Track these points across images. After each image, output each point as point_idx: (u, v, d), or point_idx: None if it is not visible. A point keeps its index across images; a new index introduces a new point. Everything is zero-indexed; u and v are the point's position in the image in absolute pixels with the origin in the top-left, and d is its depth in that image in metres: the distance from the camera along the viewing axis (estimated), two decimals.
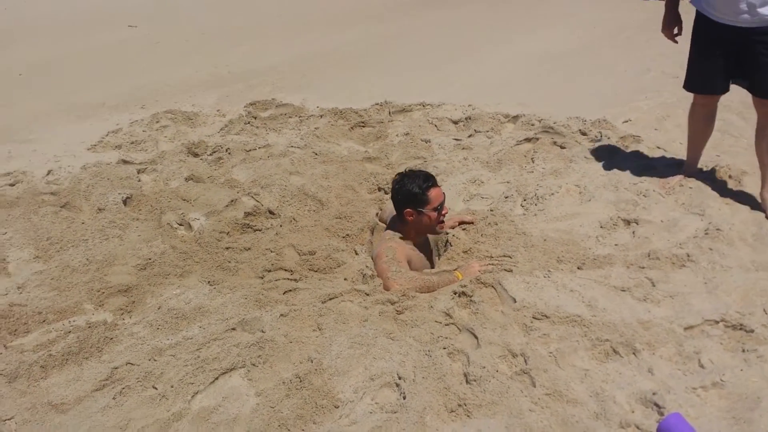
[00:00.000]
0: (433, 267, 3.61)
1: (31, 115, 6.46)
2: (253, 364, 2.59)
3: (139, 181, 4.54)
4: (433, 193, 3.45)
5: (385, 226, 3.89)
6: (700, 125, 4.02)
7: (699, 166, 4.16)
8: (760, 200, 3.69)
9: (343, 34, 10.13)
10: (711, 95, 3.86)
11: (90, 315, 3.04)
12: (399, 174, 3.55)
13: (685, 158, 4.21)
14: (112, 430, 2.33)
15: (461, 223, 3.83)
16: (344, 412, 2.32)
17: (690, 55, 3.84)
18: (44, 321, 2.97)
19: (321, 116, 6.01)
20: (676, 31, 3.89)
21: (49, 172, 4.70)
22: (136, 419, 2.36)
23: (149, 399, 2.46)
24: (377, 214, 4.13)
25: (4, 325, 2.91)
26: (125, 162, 4.90)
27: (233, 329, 2.85)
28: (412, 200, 3.43)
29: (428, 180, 3.46)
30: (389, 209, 3.96)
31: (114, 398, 2.47)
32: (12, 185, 4.46)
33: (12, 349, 2.75)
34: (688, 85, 3.94)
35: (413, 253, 3.48)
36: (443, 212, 3.53)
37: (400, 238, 3.49)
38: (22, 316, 2.97)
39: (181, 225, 3.93)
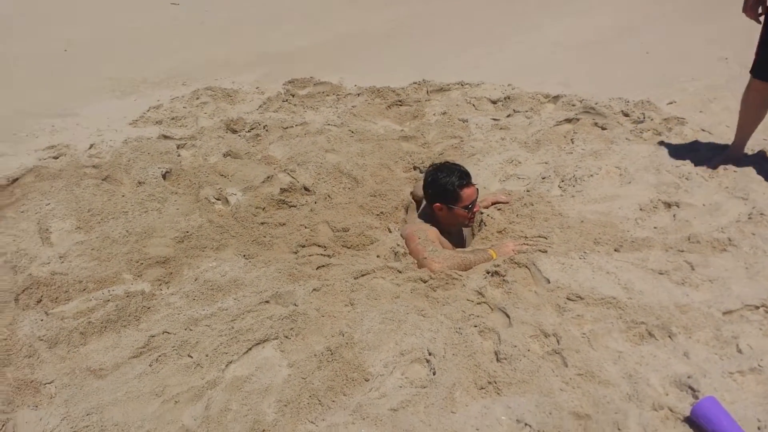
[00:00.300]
0: (467, 245, 3.59)
1: (75, 91, 6.59)
2: (286, 336, 2.63)
3: (179, 156, 4.61)
4: (466, 192, 3.40)
5: (415, 204, 3.89)
6: (754, 110, 3.90)
7: (745, 150, 4.04)
8: None
9: (383, 13, 10.07)
10: None
11: (129, 285, 3.11)
12: (433, 165, 3.52)
13: (730, 140, 4.09)
14: (148, 395, 2.38)
15: (495, 203, 3.79)
16: (374, 385, 2.34)
17: (761, 38, 3.71)
18: (84, 290, 3.06)
19: (358, 95, 6.00)
20: (760, 10, 3.63)
21: (91, 146, 4.80)
22: (172, 386, 2.42)
23: (184, 367, 2.51)
24: (411, 193, 4.12)
25: (46, 292, 2.99)
26: (165, 137, 4.97)
27: (267, 302, 2.88)
28: (444, 196, 3.39)
29: (463, 178, 3.39)
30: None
31: (150, 365, 2.53)
32: (56, 158, 4.57)
33: (53, 316, 2.84)
34: (757, 71, 3.79)
35: (442, 237, 3.46)
36: (474, 210, 3.48)
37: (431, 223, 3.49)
38: (63, 284, 3.05)
39: (218, 200, 3.98)
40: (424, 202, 3.64)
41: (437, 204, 3.42)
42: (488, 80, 6.18)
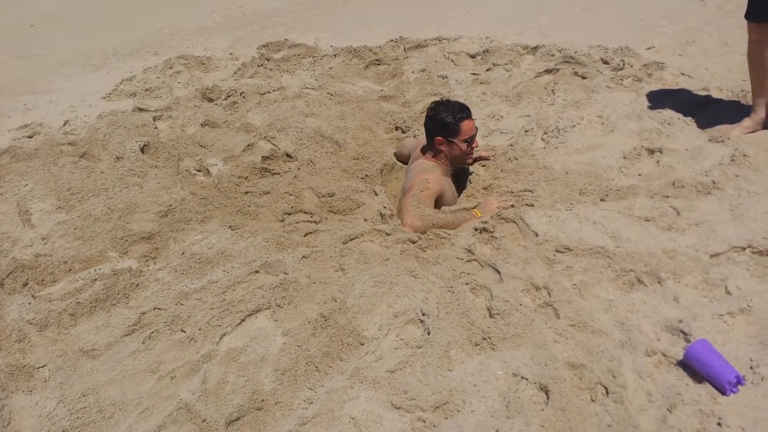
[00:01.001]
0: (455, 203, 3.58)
1: (45, 67, 6.43)
2: (278, 305, 2.62)
3: (156, 128, 4.52)
4: (465, 124, 3.45)
5: (401, 165, 3.87)
6: (763, 64, 3.46)
7: (725, 91, 4.00)
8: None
9: None
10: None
11: (115, 263, 3.07)
12: (434, 102, 3.56)
13: (709, 83, 4.06)
14: (143, 373, 2.38)
15: (478, 159, 3.77)
16: (370, 348, 2.35)
17: None
18: (70, 270, 3.02)
19: (335, 56, 5.90)
20: None
21: (65, 123, 4.70)
22: (167, 362, 2.41)
23: (178, 342, 2.50)
24: (395, 153, 4.09)
25: (31, 275, 2.95)
26: (140, 110, 4.88)
27: (257, 272, 2.86)
28: (444, 129, 3.43)
29: (463, 111, 3.46)
30: (408, 145, 3.93)
31: (143, 342, 2.52)
32: (30, 137, 4.47)
33: (40, 299, 2.80)
34: (751, 12, 3.44)
35: (447, 185, 3.46)
36: (474, 145, 3.52)
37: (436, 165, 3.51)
38: (48, 266, 3.01)
39: (199, 171, 3.93)
40: (423, 144, 3.62)
41: (438, 137, 3.45)
42: (466, 34, 6.10)
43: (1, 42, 7.35)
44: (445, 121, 3.43)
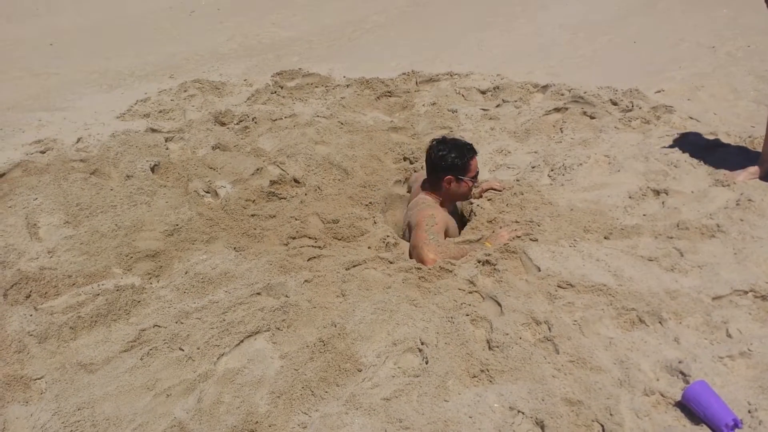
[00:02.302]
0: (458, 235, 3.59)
1: (62, 84, 6.54)
2: (278, 328, 2.62)
3: (167, 149, 4.58)
4: (473, 162, 3.50)
5: (410, 195, 3.88)
6: None
7: (732, 136, 4.02)
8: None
9: (371, 3, 10.03)
10: None
11: (118, 279, 3.09)
12: (438, 140, 3.56)
13: (717, 128, 4.09)
14: (139, 389, 2.38)
15: (489, 189, 3.80)
16: (367, 375, 2.34)
17: None
18: (74, 284, 3.03)
19: (347, 86, 5.97)
20: None
21: (78, 140, 4.76)
22: (163, 379, 2.41)
23: (176, 360, 2.50)
24: (405, 182, 4.13)
25: (35, 287, 2.97)
26: (153, 130, 4.94)
27: (258, 294, 2.87)
28: (454, 168, 3.45)
29: (470, 150, 3.52)
30: (420, 179, 3.95)
31: (141, 359, 2.52)
32: (43, 152, 4.52)
33: (42, 311, 2.81)
34: None
35: (450, 221, 3.48)
36: (476, 180, 3.58)
37: (436, 202, 3.53)
38: (52, 279, 3.03)
39: (207, 192, 3.96)
40: (423, 179, 3.64)
41: (448, 177, 3.47)
42: (477, 70, 6.18)
43: (20, 59, 7.49)
44: (455, 162, 3.44)
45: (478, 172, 3.56)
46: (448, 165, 3.45)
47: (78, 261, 3.20)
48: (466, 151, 3.49)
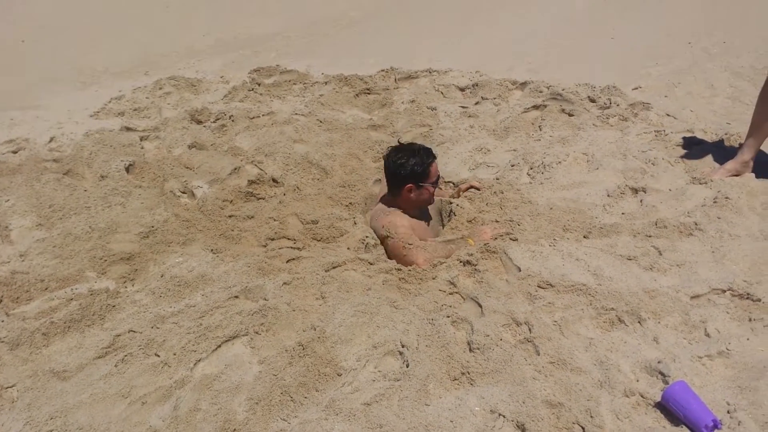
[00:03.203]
0: (437, 236, 3.58)
1: (34, 82, 6.40)
2: (256, 332, 2.59)
3: (142, 148, 4.50)
4: (433, 167, 3.46)
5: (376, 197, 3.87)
6: None
7: (709, 133, 4.04)
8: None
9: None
10: None
11: (92, 283, 3.02)
12: (394, 148, 3.50)
13: (694, 125, 4.11)
14: (114, 397, 2.32)
15: (469, 188, 3.79)
16: (347, 379, 2.31)
17: None
18: (46, 288, 2.97)
19: (326, 83, 5.93)
20: None
21: (51, 139, 4.66)
22: (138, 386, 2.36)
23: (151, 366, 2.45)
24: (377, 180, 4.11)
25: (7, 292, 2.90)
26: (128, 129, 4.86)
27: (236, 297, 2.83)
28: (414, 176, 3.41)
29: (429, 155, 3.46)
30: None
31: (116, 365, 2.46)
32: (14, 152, 4.43)
33: (14, 317, 2.75)
34: None
35: (414, 222, 3.45)
36: (438, 184, 3.56)
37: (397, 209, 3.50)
38: (24, 283, 2.96)
39: (183, 193, 3.90)
40: (382, 191, 3.62)
41: (408, 185, 3.42)
42: (456, 67, 6.16)
43: None
44: (415, 170, 3.40)
45: (439, 176, 3.52)
46: (408, 173, 3.41)
47: (51, 264, 3.13)
48: (425, 156, 3.43)
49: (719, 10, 3.51)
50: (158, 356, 2.49)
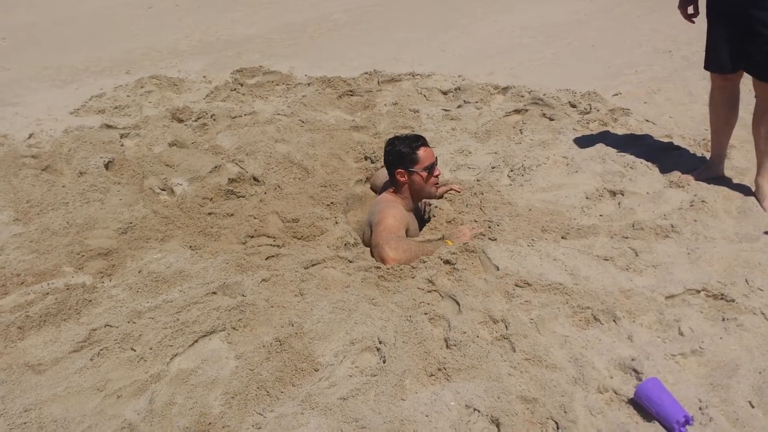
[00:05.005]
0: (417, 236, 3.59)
1: (14, 79, 6.35)
2: (234, 328, 2.57)
3: (122, 145, 4.47)
4: (422, 152, 3.46)
5: (374, 194, 3.87)
6: (721, 111, 3.60)
7: (687, 139, 4.11)
8: (754, 187, 3.47)
9: (333, 2, 9.99)
10: (725, 74, 3.45)
11: (69, 278, 3.00)
12: (390, 138, 3.58)
13: (672, 130, 4.17)
14: (89, 390, 2.30)
15: (449, 191, 3.80)
16: (324, 375, 2.31)
17: (707, 31, 3.49)
18: (22, 283, 2.93)
19: (309, 84, 5.93)
20: (691, 11, 3.53)
21: (30, 135, 4.62)
22: (114, 380, 2.34)
23: (127, 360, 2.43)
24: (370, 183, 4.11)
25: None
26: (108, 126, 4.82)
27: (214, 293, 2.82)
28: (402, 160, 3.43)
29: (418, 140, 3.48)
30: (381, 176, 3.93)
31: (91, 359, 2.44)
32: None
33: None
34: (706, 64, 3.54)
35: (411, 220, 3.46)
36: (435, 174, 3.52)
37: (397, 201, 3.50)
38: (0, 277, 2.93)
39: (163, 190, 3.88)
40: (387, 180, 3.63)
41: (399, 170, 3.45)
42: (439, 71, 6.20)
43: None
44: (402, 152, 3.43)
45: (434, 163, 3.50)
46: (396, 158, 3.45)
47: (27, 259, 3.10)
48: (413, 140, 3.47)
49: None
50: (134, 350, 2.47)
